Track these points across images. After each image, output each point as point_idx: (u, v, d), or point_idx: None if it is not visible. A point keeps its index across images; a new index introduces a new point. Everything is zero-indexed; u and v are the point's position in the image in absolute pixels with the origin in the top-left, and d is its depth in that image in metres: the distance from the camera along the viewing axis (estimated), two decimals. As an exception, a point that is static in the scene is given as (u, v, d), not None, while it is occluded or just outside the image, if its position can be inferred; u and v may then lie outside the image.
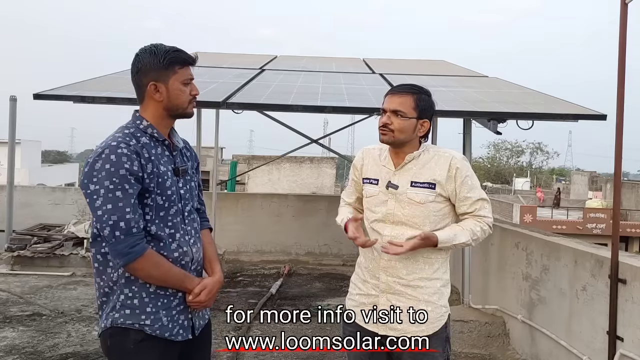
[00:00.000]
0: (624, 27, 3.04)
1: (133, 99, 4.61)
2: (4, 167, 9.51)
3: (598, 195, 31.88)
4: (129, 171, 1.69)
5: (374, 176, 2.15)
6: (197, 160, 2.05)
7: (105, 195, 1.67)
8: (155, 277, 1.76)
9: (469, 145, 5.22)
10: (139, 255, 1.70)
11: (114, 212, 1.67)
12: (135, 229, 1.70)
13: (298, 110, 4.59)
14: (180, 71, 1.82)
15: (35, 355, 3.87)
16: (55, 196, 8.24)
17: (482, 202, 2.09)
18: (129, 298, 1.77)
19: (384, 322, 2.06)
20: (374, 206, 2.13)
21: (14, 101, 6.95)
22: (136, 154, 1.72)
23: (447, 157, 2.08)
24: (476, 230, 2.06)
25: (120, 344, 1.79)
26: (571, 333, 3.44)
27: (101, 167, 1.68)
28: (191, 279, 1.84)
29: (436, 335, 2.06)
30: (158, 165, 1.78)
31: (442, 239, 2.01)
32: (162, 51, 1.81)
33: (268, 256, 7.68)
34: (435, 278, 2.08)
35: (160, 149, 1.83)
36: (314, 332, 4.71)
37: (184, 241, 1.84)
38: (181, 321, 1.84)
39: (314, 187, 22.91)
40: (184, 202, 1.87)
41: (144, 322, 1.76)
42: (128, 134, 1.77)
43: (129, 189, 1.69)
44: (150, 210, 1.77)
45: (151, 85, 1.80)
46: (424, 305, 2.04)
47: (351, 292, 2.23)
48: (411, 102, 2.05)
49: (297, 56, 9.48)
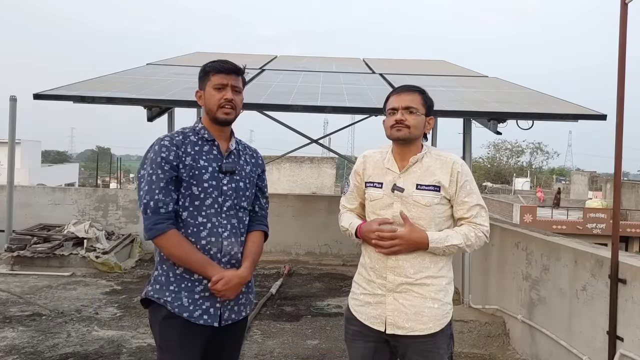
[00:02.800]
0: (624, 27, 3.03)
1: (133, 99, 4.66)
2: (4, 167, 9.51)
3: (598, 195, 31.87)
4: (165, 160, 1.95)
5: (377, 180, 2.16)
6: (262, 167, 2.26)
7: (145, 179, 1.96)
8: (176, 257, 1.96)
9: (469, 145, 5.21)
10: (160, 232, 1.92)
11: (147, 193, 1.94)
12: (162, 209, 1.93)
13: (298, 110, 4.59)
14: (213, 78, 2.03)
15: (35, 355, 3.87)
16: (55, 196, 8.23)
17: (479, 208, 2.10)
18: (160, 275, 2.01)
19: (391, 321, 2.06)
20: (379, 209, 2.13)
21: (14, 101, 6.95)
22: (176, 147, 1.98)
23: (449, 161, 2.11)
24: (470, 235, 2.07)
25: (153, 317, 2.03)
26: (571, 333, 3.44)
27: (147, 156, 2.00)
28: (213, 267, 1.97)
29: (442, 332, 2.07)
30: (198, 160, 2.01)
31: (434, 239, 2.02)
32: (206, 63, 2.08)
33: (268, 256, 7.67)
34: (441, 276, 2.09)
35: (207, 147, 2.05)
36: (314, 332, 4.74)
37: (215, 232, 2.00)
38: (205, 307, 1.98)
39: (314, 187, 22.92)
40: (225, 198, 2.04)
41: (166, 299, 1.97)
42: (180, 132, 2.06)
43: (161, 174, 1.94)
44: (183, 197, 1.98)
45: (196, 92, 2.11)
46: (430, 302, 2.05)
47: (354, 292, 2.23)
48: (420, 100, 2.12)
49: (297, 56, 9.48)
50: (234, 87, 2.04)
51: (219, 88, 2.02)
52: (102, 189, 10.80)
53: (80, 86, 5.14)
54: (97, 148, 68.06)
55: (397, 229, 2.05)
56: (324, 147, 10.37)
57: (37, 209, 8.09)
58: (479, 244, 2.12)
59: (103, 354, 3.94)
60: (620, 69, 3.06)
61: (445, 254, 2.08)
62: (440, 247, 2.04)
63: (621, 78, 3.05)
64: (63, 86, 5.05)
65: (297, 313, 5.19)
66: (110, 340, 4.21)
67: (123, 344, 4.15)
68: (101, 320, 4.72)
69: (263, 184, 2.24)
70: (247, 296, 2.14)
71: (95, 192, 8.47)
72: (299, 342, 4.35)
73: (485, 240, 2.12)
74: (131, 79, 5.69)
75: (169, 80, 5.65)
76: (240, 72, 2.08)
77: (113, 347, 4.08)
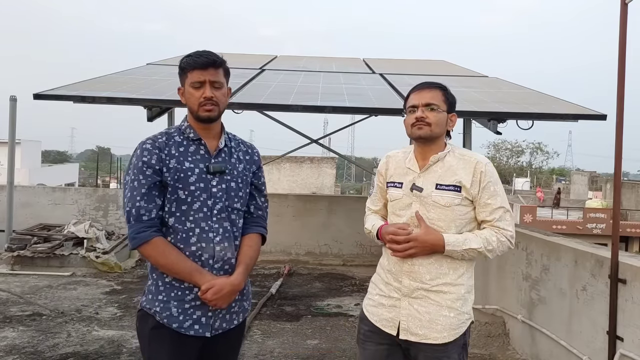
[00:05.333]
0: (624, 27, 3.03)
1: (133, 99, 4.66)
2: (4, 167, 9.51)
3: (598, 195, 31.85)
4: (146, 164, 1.85)
5: (398, 180, 2.10)
6: (258, 164, 2.10)
7: (128, 185, 1.87)
8: (162, 265, 1.86)
9: (469, 145, 5.21)
10: (143, 240, 1.82)
11: (130, 200, 1.84)
12: (145, 216, 1.83)
13: (298, 110, 4.59)
14: (190, 75, 1.90)
15: (36, 355, 3.87)
16: (56, 196, 8.23)
17: (503, 211, 2.00)
18: (151, 284, 1.93)
19: (404, 326, 2.00)
20: (398, 209, 2.07)
21: (14, 101, 6.95)
22: (158, 149, 1.87)
23: (472, 160, 2.02)
24: (492, 239, 1.97)
25: (141, 328, 1.93)
26: (571, 333, 3.44)
27: (131, 161, 1.90)
28: (201, 275, 1.85)
29: (454, 342, 1.99)
30: (183, 161, 1.88)
31: (450, 241, 1.94)
32: (182, 58, 1.94)
33: (268, 256, 7.68)
34: (460, 284, 2.00)
35: (193, 147, 1.92)
36: (314, 332, 4.74)
37: (205, 237, 1.88)
38: (196, 316, 1.87)
39: (314, 187, 22.93)
40: (215, 200, 1.91)
41: (155, 309, 1.87)
42: (164, 132, 1.95)
43: (142, 180, 1.84)
44: (169, 203, 1.87)
45: (178, 89, 1.98)
46: (446, 311, 1.97)
47: (370, 292, 2.16)
48: (441, 96, 2.04)
49: (297, 56, 9.48)
50: (212, 83, 1.89)
51: (197, 87, 1.89)
52: (102, 189, 10.80)
53: (80, 86, 5.15)
54: (97, 148, 68.04)
55: (413, 231, 1.97)
56: (324, 147, 10.38)
57: (37, 209, 8.09)
58: (502, 250, 2.01)
59: (103, 353, 3.94)
60: (620, 69, 3.06)
61: (465, 258, 1.98)
62: (457, 251, 1.95)
63: (621, 78, 3.05)
64: (63, 86, 5.05)
65: (297, 313, 5.19)
66: (111, 340, 4.21)
67: (123, 343, 4.15)
68: (101, 320, 4.72)
69: (259, 182, 2.08)
70: (240, 304, 2.00)
71: (96, 192, 8.47)
72: (299, 342, 4.35)
73: (509, 246, 2.01)
74: (131, 79, 5.69)
75: (169, 80, 5.65)
76: (218, 63, 1.91)
77: (113, 347, 4.08)
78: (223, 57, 1.96)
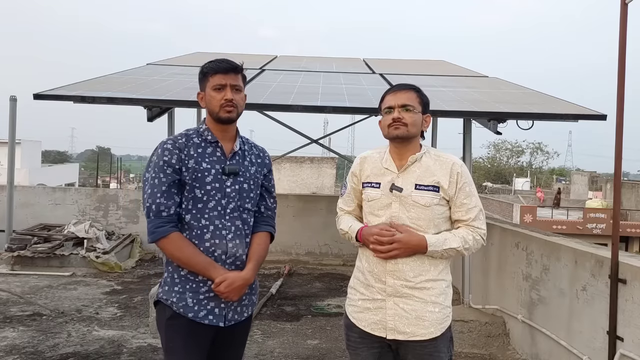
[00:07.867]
0: (624, 27, 3.03)
1: (133, 99, 4.66)
2: (4, 167, 9.51)
3: (598, 195, 31.85)
4: (167, 163, 1.97)
5: (375, 180, 2.13)
6: (269, 167, 2.24)
7: (148, 182, 1.98)
8: (178, 259, 1.98)
9: (469, 145, 5.22)
10: (162, 235, 1.94)
11: (150, 196, 1.96)
12: (164, 212, 1.95)
13: (298, 110, 4.59)
14: (212, 79, 2.04)
15: (36, 355, 3.87)
16: (56, 196, 8.24)
17: (477, 211, 2.09)
18: (168, 277, 2.04)
19: (391, 326, 2.03)
20: (377, 209, 2.10)
21: (14, 101, 6.95)
22: (178, 150, 1.99)
23: (448, 162, 2.09)
24: (468, 238, 2.05)
25: (159, 318, 2.06)
26: (571, 333, 3.44)
27: (151, 159, 2.02)
28: (216, 269, 1.97)
29: (442, 336, 2.05)
30: (201, 162, 2.01)
31: (432, 242, 2.00)
32: (204, 64, 2.07)
33: (268, 256, 7.53)
34: (441, 279, 2.06)
35: (210, 149, 2.05)
36: (314, 331, 4.74)
37: (218, 234, 2.00)
38: (210, 307, 2.00)
39: (314, 187, 22.92)
40: (228, 200, 2.03)
41: (172, 300, 1.99)
42: (184, 134, 2.06)
43: (163, 178, 1.96)
44: (186, 200, 1.99)
45: (198, 94, 2.11)
46: (431, 307, 2.02)
47: (351, 298, 2.17)
48: (416, 97, 2.10)
49: (297, 56, 9.48)
50: (233, 86, 2.03)
51: (219, 89, 2.02)
52: (103, 189, 10.80)
53: (80, 86, 5.15)
54: (97, 148, 68.11)
55: (396, 233, 2.02)
56: (324, 147, 10.38)
57: (38, 209, 8.10)
58: (477, 247, 2.11)
59: (103, 354, 3.94)
60: (620, 69, 3.06)
61: (444, 257, 2.06)
62: (438, 251, 2.02)
63: (621, 78, 3.05)
64: (63, 86, 5.05)
65: (297, 313, 5.19)
66: (111, 340, 4.21)
67: (123, 343, 4.15)
68: (101, 320, 4.72)
69: (269, 184, 2.23)
70: (250, 297, 2.14)
71: (96, 192, 8.47)
72: (299, 342, 4.35)
73: (482, 244, 2.11)
74: (131, 79, 5.69)
75: (169, 80, 5.65)
76: (238, 69, 2.07)
77: (113, 347, 4.08)
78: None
